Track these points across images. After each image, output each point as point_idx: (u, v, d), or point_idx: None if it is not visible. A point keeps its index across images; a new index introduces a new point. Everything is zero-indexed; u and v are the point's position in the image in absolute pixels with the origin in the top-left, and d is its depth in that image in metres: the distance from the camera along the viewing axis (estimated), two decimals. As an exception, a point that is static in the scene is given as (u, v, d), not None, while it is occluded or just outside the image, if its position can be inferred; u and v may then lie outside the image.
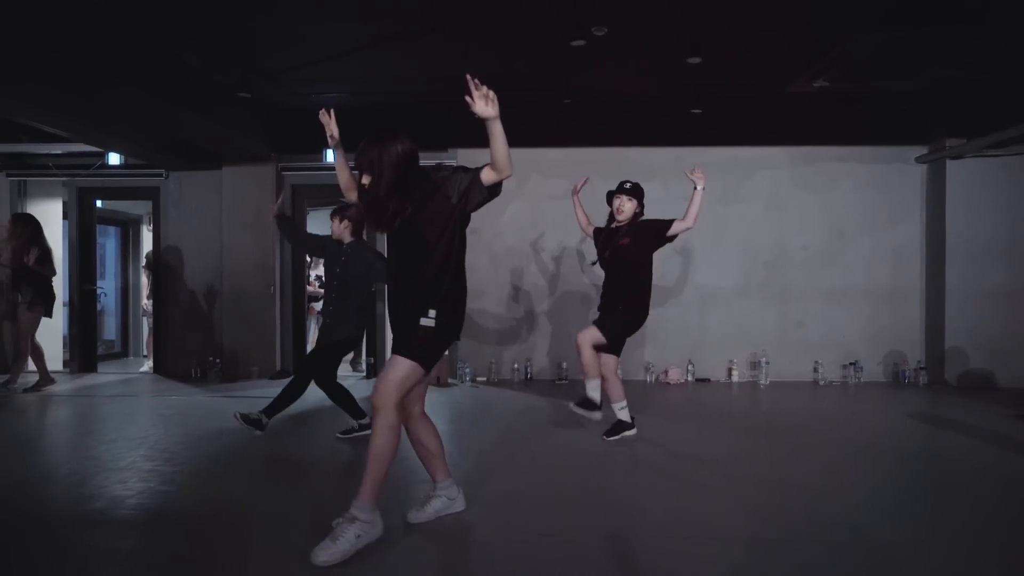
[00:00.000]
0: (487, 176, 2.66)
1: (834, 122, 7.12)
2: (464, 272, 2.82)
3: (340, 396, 4.59)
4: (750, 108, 7.07)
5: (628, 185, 4.47)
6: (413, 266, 2.70)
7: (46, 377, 6.60)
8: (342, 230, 4.55)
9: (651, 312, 4.69)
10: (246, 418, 4.41)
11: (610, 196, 4.54)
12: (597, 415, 4.38)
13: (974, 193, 6.79)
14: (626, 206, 4.41)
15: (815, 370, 7.18)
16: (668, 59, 5.51)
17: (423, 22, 4.66)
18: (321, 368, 4.55)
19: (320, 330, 4.66)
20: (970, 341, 6.81)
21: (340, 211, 4.57)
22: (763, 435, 4.78)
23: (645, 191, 4.61)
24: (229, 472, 3.87)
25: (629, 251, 4.41)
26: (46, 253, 6.54)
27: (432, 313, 2.66)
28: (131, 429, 4.88)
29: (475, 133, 3.67)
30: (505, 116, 2.67)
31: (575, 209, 4.93)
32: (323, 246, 4.74)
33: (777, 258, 7.32)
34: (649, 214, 8.27)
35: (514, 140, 7.98)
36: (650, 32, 5.09)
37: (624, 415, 4.43)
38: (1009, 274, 6.79)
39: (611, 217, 4.58)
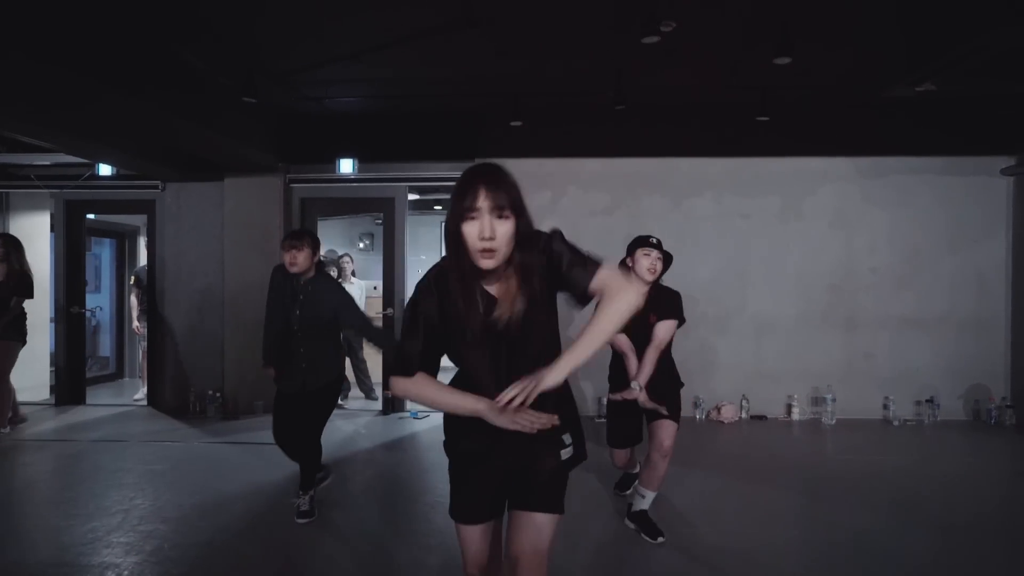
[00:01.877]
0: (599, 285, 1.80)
1: (907, 131, 6.34)
2: None
3: (316, 457, 3.80)
4: (814, 115, 6.30)
5: (656, 240, 3.43)
6: (526, 362, 1.78)
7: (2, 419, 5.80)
8: (304, 260, 3.62)
9: (703, 342, 3.93)
10: (303, 514, 3.71)
11: (634, 248, 3.44)
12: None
13: (1073, 210, 6.02)
14: (659, 267, 3.38)
15: (885, 407, 6.41)
16: (738, 58, 4.76)
17: (463, 14, 3.91)
18: (321, 426, 3.80)
19: (295, 379, 3.69)
20: (1067, 377, 6.05)
21: (300, 236, 3.67)
22: (844, 504, 4.00)
23: (695, 206, 3.76)
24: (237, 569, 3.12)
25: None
26: (28, 281, 5.79)
27: (568, 440, 1.90)
28: (113, 495, 4.13)
29: (503, 142, 2.79)
30: (541, 123, 1.79)
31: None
32: (275, 287, 3.81)
33: (843, 281, 6.54)
34: (701, 230, 7.41)
35: (551, 150, 7.16)
36: (726, 28, 4.33)
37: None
38: (1111, 302, 6.01)
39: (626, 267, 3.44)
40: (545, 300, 1.83)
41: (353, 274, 7.68)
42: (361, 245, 10.53)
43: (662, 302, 3.43)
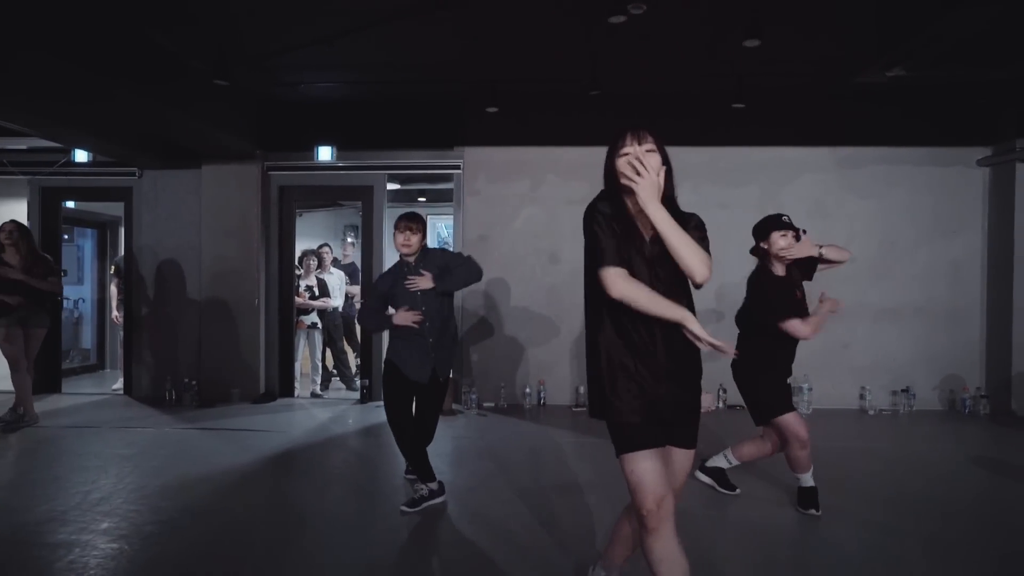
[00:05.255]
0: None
1: (886, 121, 6.37)
2: None
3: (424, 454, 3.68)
4: (793, 104, 6.31)
5: (786, 218, 3.53)
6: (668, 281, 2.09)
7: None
8: (417, 241, 3.64)
9: None
10: (415, 503, 3.57)
11: (767, 230, 3.53)
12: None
13: (1049, 200, 6.05)
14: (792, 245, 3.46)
15: (862, 397, 6.43)
16: (713, 44, 4.76)
17: (431, -6, 3.90)
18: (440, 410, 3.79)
19: (420, 360, 3.61)
20: (1041, 367, 6.07)
21: (409, 218, 3.65)
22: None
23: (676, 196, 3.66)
24: (190, 547, 3.09)
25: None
26: (49, 265, 5.71)
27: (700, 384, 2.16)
28: (77, 477, 4.10)
29: (486, 130, 2.66)
30: (519, 112, 1.90)
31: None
32: (390, 287, 3.73)
33: (820, 271, 6.53)
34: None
35: (530, 139, 7.15)
36: (696, 10, 4.32)
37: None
38: (1087, 292, 6.04)
39: (769, 262, 3.55)
40: None
41: (335, 262, 7.65)
42: (350, 239, 10.47)
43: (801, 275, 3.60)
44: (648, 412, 2.05)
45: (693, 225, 2.13)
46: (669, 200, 2.11)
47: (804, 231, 3.54)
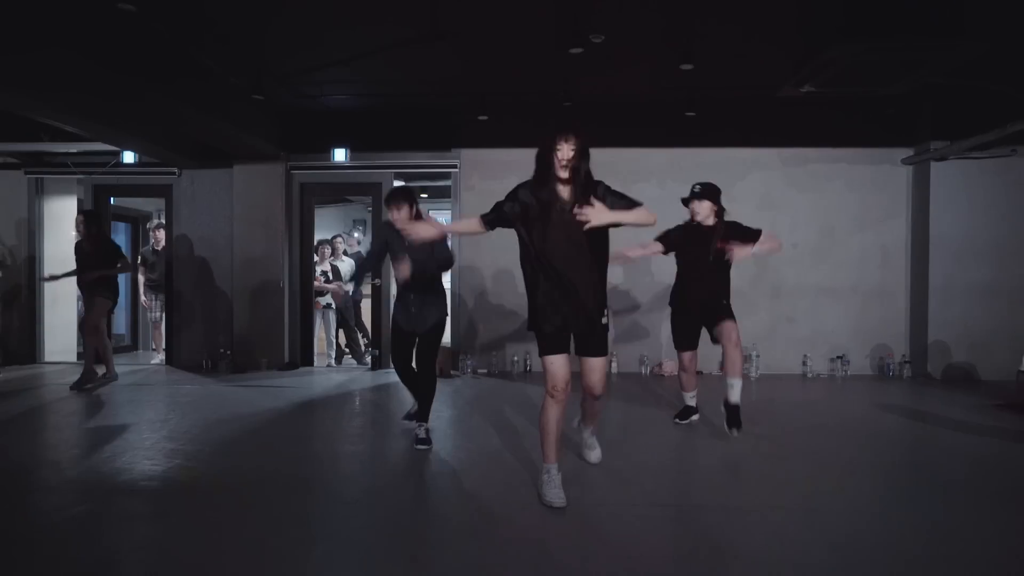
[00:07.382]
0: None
1: (824, 125, 7.38)
2: None
3: (432, 389, 4.28)
4: (743, 111, 7.33)
5: (698, 188, 4.54)
6: (589, 263, 3.06)
7: (91, 373, 6.48)
8: (407, 216, 4.04)
9: (649, 307, 4.99)
10: (421, 441, 4.16)
11: (686, 202, 4.62)
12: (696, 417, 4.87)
13: (957, 194, 7.06)
14: (702, 207, 4.50)
15: (804, 363, 7.45)
16: (662, 65, 5.78)
17: (431, 29, 4.92)
18: (435, 355, 4.30)
19: (407, 315, 4.18)
20: (952, 336, 7.09)
21: (399, 197, 4.11)
22: (751, 427, 5.03)
23: (642, 190, 4.74)
24: (248, 450, 4.14)
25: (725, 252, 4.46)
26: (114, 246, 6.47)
27: (607, 312, 3.17)
28: (151, 414, 5.15)
29: (478, 134, 3.38)
30: (507, 117, 2.81)
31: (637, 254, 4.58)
32: (385, 242, 4.30)
33: (768, 255, 7.56)
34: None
35: (515, 141, 8.19)
36: (644, 39, 5.35)
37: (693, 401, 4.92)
38: (990, 271, 7.06)
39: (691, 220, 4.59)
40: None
41: (345, 252, 8.66)
42: (356, 233, 11.50)
43: (730, 232, 4.49)
44: (559, 325, 3.10)
45: (602, 192, 3.06)
46: (578, 172, 3.05)
47: (725, 209, 4.61)
